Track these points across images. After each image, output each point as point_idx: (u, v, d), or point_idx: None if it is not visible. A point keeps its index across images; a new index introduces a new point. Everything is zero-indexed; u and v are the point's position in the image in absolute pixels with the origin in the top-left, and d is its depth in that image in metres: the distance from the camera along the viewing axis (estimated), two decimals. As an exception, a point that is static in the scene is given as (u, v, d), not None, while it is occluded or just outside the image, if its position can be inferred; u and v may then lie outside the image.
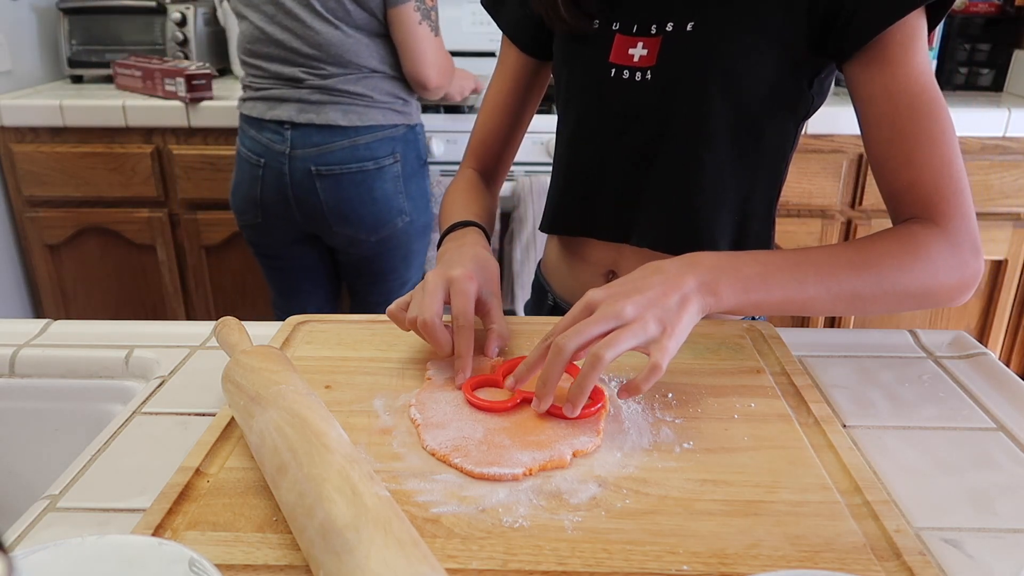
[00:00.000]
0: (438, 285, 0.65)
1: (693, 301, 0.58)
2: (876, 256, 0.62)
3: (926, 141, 0.65)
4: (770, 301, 0.61)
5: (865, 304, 0.62)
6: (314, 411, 0.51)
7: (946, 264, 0.63)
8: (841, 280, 0.61)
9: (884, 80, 0.66)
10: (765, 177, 0.78)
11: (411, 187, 1.55)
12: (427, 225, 1.63)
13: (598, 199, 0.81)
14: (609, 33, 0.76)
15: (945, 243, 0.63)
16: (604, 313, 0.56)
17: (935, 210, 0.64)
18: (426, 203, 1.61)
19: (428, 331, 0.63)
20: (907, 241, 0.63)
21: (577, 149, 0.82)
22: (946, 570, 0.45)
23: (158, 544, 0.41)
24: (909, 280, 0.62)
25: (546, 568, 0.44)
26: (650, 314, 0.56)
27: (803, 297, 0.61)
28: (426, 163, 1.60)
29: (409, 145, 1.54)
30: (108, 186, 1.89)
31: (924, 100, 0.65)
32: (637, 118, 0.76)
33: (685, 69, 0.72)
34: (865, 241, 0.64)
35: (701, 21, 0.71)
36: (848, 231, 1.89)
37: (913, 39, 0.65)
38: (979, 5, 1.98)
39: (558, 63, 0.83)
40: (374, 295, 1.69)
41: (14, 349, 0.72)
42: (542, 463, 0.53)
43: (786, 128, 0.76)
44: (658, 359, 0.54)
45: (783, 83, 0.72)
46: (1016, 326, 1.97)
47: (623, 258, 0.82)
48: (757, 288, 0.60)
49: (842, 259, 0.62)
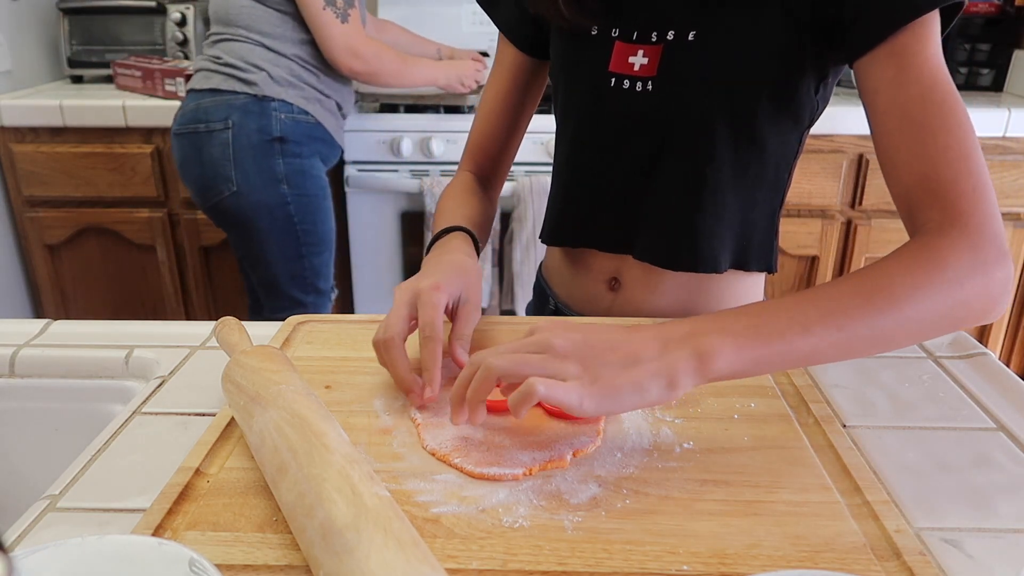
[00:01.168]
0: (403, 300, 0.63)
1: (649, 371, 0.48)
2: (886, 279, 0.53)
3: (940, 131, 0.58)
4: (770, 355, 0.51)
5: (884, 341, 0.53)
6: (314, 411, 0.51)
7: (968, 271, 0.53)
8: (852, 315, 0.51)
9: (893, 70, 0.60)
10: (768, 188, 0.76)
11: (245, 159, 1.51)
12: (269, 207, 1.55)
13: (599, 211, 0.80)
14: (608, 40, 0.74)
15: (966, 249, 0.54)
16: (534, 339, 0.52)
17: (952, 208, 0.56)
18: (269, 182, 1.54)
19: (384, 350, 0.60)
20: (920, 255, 0.54)
21: (577, 160, 0.81)
22: (946, 570, 0.45)
23: (158, 544, 0.41)
24: (930, 302, 0.52)
25: (546, 568, 0.44)
26: (577, 355, 0.49)
27: (808, 344, 0.51)
28: (277, 142, 1.53)
29: (250, 116, 1.50)
30: (108, 186, 1.90)
31: (938, 93, 0.59)
32: (638, 129, 0.74)
33: (687, 80, 0.71)
34: (873, 266, 0.55)
35: (703, 30, 0.69)
36: (848, 231, 1.89)
37: (926, 37, 0.61)
38: (979, 5, 1.98)
39: (556, 70, 0.81)
40: (257, 287, 1.69)
41: (14, 349, 0.72)
42: (542, 463, 0.53)
43: (790, 138, 0.75)
44: (535, 384, 0.47)
45: (787, 92, 0.70)
46: (1016, 326, 1.97)
47: (626, 267, 0.80)
48: (751, 343, 0.50)
49: (847, 290, 0.53)
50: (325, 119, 1.59)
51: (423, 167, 1.85)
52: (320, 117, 1.57)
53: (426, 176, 1.83)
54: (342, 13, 1.48)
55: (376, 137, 1.82)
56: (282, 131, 1.52)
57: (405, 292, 0.63)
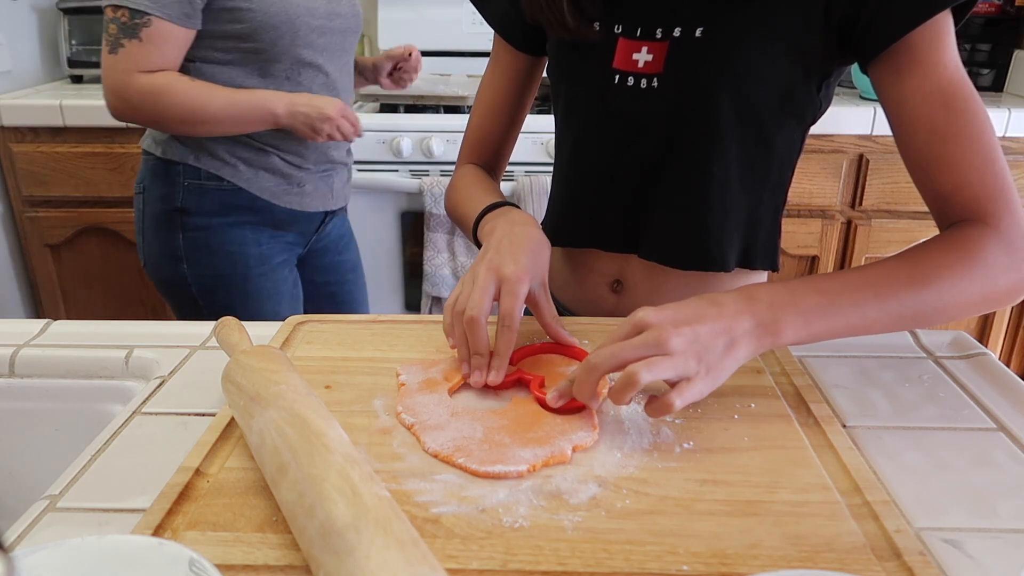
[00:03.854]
0: (489, 280, 0.63)
1: (743, 345, 0.56)
2: (933, 269, 0.60)
3: (966, 141, 0.62)
4: (831, 331, 0.59)
5: (927, 319, 0.60)
6: (314, 411, 0.51)
7: (1003, 267, 0.61)
8: (902, 300, 0.59)
9: (915, 81, 0.63)
10: (772, 185, 0.77)
11: (149, 230, 1.29)
12: (170, 286, 1.32)
13: (604, 210, 0.79)
14: (612, 37, 0.73)
15: (999, 245, 0.61)
16: (646, 340, 0.54)
17: (984, 211, 0.62)
18: (168, 259, 1.28)
19: (471, 328, 0.62)
20: (961, 249, 0.61)
21: (581, 159, 0.80)
22: (946, 570, 0.45)
23: (158, 544, 0.41)
24: (969, 290, 0.60)
25: (546, 568, 0.44)
26: (692, 351, 0.54)
27: (864, 323, 0.59)
28: (179, 213, 1.25)
29: (157, 181, 1.26)
30: (108, 186, 1.89)
31: (960, 98, 0.62)
32: (644, 127, 0.74)
33: (695, 77, 0.70)
34: (920, 254, 0.62)
35: (711, 27, 0.69)
36: (848, 231, 1.89)
37: (941, 37, 0.62)
38: (979, 5, 1.98)
39: (556, 71, 0.80)
40: None
41: (14, 349, 0.72)
42: (544, 459, 0.53)
43: (793, 136, 0.75)
44: (674, 399, 0.53)
45: (794, 90, 0.70)
46: (1016, 326, 1.97)
47: (630, 268, 0.80)
48: (818, 321, 0.58)
49: (901, 278, 0.60)
50: (253, 182, 1.26)
51: (423, 167, 1.85)
52: (243, 181, 1.25)
53: (426, 176, 1.83)
54: (113, 41, 1.12)
55: (376, 137, 1.82)
56: (184, 201, 1.25)
57: (491, 273, 0.64)
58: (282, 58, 1.21)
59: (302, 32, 1.20)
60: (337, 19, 1.26)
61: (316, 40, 1.23)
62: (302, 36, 1.21)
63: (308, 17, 1.20)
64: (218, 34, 1.17)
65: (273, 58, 1.20)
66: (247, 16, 1.16)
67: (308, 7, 1.20)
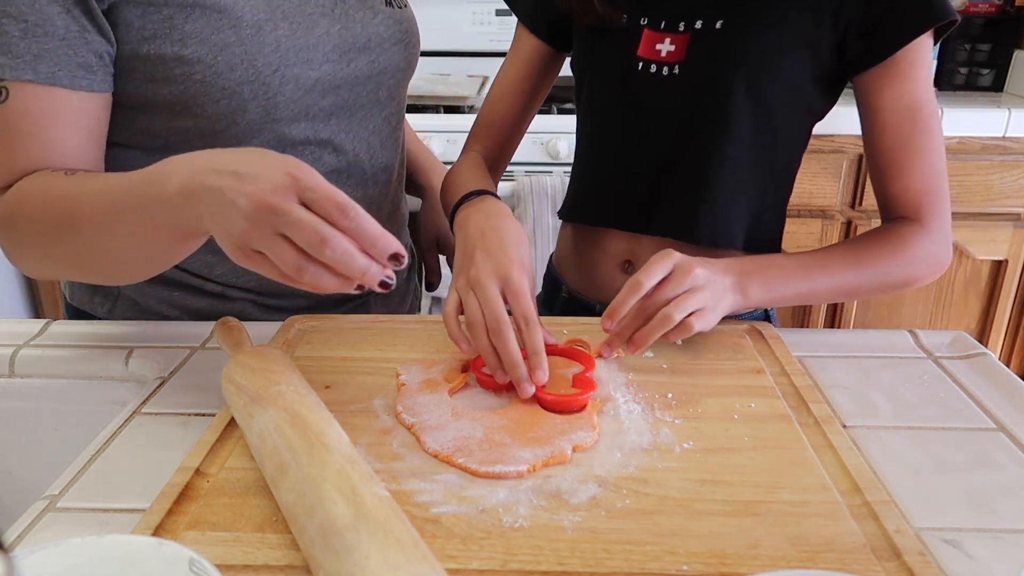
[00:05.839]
0: (494, 285, 0.62)
1: (727, 297, 0.67)
2: (870, 255, 0.74)
3: (922, 153, 0.74)
4: (785, 298, 0.72)
5: (859, 293, 0.77)
6: (314, 411, 0.51)
7: (925, 258, 0.75)
8: (844, 277, 0.73)
9: (894, 94, 0.73)
10: (780, 173, 0.83)
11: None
12: None
13: (620, 190, 0.83)
14: (637, 28, 0.78)
15: (926, 240, 0.75)
16: (688, 278, 0.64)
17: (920, 213, 0.75)
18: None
19: (500, 340, 0.60)
20: (896, 242, 0.75)
21: (602, 141, 0.84)
22: (946, 570, 0.45)
23: (158, 544, 0.41)
24: (896, 273, 0.74)
25: (546, 568, 0.44)
26: (709, 288, 0.65)
27: (813, 293, 0.73)
28: None
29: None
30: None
31: (924, 115, 0.73)
32: (663, 112, 0.78)
33: (714, 65, 0.75)
34: (861, 242, 0.75)
35: (730, 19, 0.74)
36: (848, 231, 1.88)
37: (924, 55, 0.72)
38: (979, 5, 1.98)
39: (582, 59, 0.84)
40: None
41: (14, 349, 0.72)
42: (544, 459, 0.53)
43: (801, 128, 0.81)
44: (693, 322, 0.63)
45: (805, 84, 0.76)
46: (1016, 326, 1.97)
47: (641, 248, 0.83)
48: (778, 287, 0.71)
49: (846, 260, 0.74)
50: None
51: (423, 167, 1.84)
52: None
53: (426, 176, 1.83)
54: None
55: (376, 137, 1.81)
56: None
57: (491, 277, 0.63)
58: (252, 137, 0.73)
59: (286, 93, 0.73)
60: (361, 58, 0.78)
61: (317, 103, 0.76)
62: (286, 101, 0.73)
63: (300, 67, 0.73)
64: (144, 102, 0.70)
65: (237, 138, 0.73)
66: (189, 73, 0.68)
67: (303, 44, 0.73)
